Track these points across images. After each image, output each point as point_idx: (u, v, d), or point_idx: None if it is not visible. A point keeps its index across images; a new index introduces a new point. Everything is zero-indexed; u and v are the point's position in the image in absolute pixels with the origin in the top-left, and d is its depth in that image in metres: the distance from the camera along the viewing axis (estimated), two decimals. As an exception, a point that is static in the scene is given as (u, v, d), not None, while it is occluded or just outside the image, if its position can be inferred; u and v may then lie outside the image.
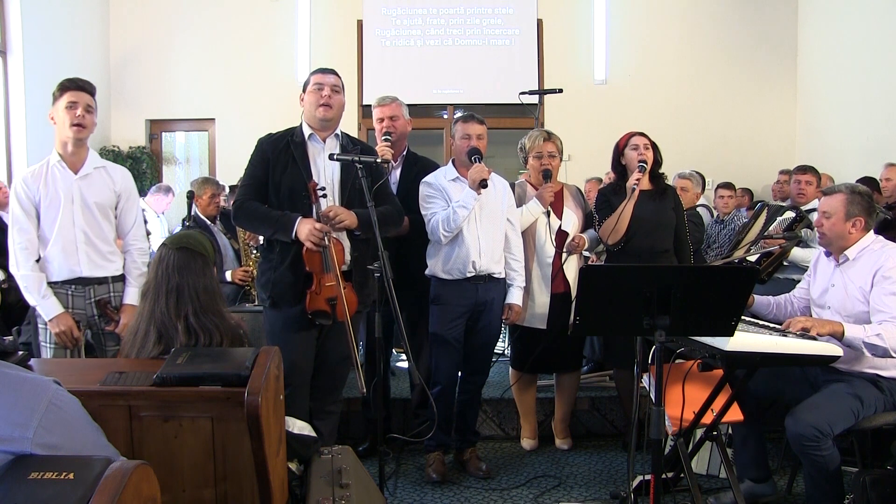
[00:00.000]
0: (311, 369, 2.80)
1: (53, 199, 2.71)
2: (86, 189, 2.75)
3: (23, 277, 2.68)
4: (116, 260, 2.85)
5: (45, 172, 2.73)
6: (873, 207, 2.66)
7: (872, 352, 2.40)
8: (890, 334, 2.37)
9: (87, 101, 2.72)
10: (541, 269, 3.35)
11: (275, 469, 1.68)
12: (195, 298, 1.99)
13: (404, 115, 3.37)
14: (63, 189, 2.72)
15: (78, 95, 2.70)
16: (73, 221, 2.73)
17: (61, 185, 2.72)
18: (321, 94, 2.74)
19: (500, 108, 7.32)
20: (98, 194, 2.78)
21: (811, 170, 4.15)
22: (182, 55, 7.50)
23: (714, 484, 3.11)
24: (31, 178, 2.72)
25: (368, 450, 3.35)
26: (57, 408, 1.18)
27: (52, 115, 2.73)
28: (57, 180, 2.72)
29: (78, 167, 2.76)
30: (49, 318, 2.67)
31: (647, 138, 3.33)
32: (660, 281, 1.97)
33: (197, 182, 4.58)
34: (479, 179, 2.97)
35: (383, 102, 3.36)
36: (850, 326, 2.42)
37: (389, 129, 3.30)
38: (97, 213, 2.77)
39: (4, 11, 6.10)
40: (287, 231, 2.64)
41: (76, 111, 2.69)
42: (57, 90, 2.71)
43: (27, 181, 2.71)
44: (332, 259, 2.65)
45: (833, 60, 6.88)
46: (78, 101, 2.69)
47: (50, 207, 2.71)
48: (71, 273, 2.74)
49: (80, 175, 2.76)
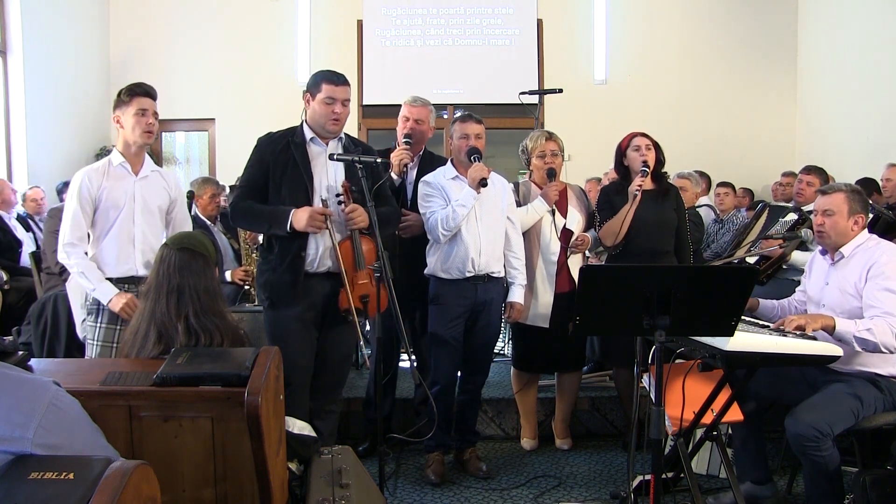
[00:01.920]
0: (311, 369, 2.79)
1: (116, 197, 2.76)
2: (146, 190, 2.83)
3: (77, 265, 2.70)
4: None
5: (108, 171, 2.78)
6: (868, 206, 2.67)
7: (863, 346, 2.41)
8: (880, 329, 2.38)
9: (155, 108, 2.83)
10: (546, 268, 3.35)
11: (275, 469, 1.68)
12: (196, 299, 1.99)
13: (431, 121, 3.37)
14: (126, 189, 2.78)
15: (148, 103, 2.78)
16: (133, 221, 2.79)
17: (124, 185, 2.78)
18: (333, 110, 2.71)
19: (500, 108, 7.32)
20: (157, 197, 2.87)
21: (815, 170, 4.05)
22: (182, 55, 7.50)
23: (714, 484, 3.11)
24: (96, 174, 2.76)
25: (368, 450, 3.35)
26: (57, 408, 1.18)
27: (118, 118, 2.79)
28: (120, 180, 2.78)
29: (138, 169, 2.83)
30: (108, 299, 2.70)
31: (650, 139, 3.33)
32: (660, 281, 1.97)
33: (197, 182, 4.58)
34: (478, 178, 2.97)
35: (414, 104, 3.34)
36: (841, 321, 2.43)
37: (412, 130, 3.29)
38: (156, 215, 2.86)
39: (4, 11, 6.10)
40: (282, 224, 2.64)
41: (148, 119, 2.78)
42: (125, 94, 2.77)
43: (92, 177, 2.75)
44: (363, 256, 2.67)
45: (833, 60, 6.89)
46: (148, 109, 2.78)
47: (111, 206, 2.76)
48: (125, 271, 2.77)
49: (140, 177, 2.83)
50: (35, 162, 6.31)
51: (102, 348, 2.74)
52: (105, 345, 2.74)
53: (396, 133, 3.38)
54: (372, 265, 2.63)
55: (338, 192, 2.70)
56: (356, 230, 2.69)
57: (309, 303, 2.72)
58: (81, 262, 2.71)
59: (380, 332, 2.73)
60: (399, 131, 3.34)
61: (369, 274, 2.69)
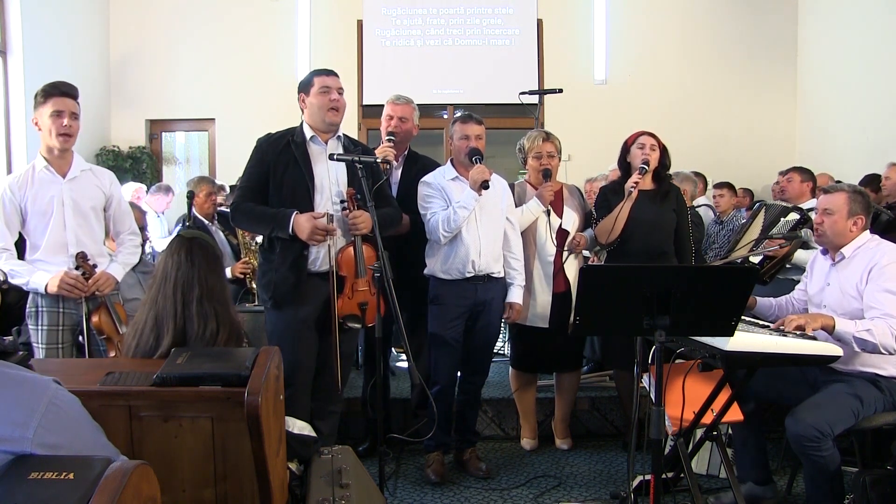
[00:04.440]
0: (312, 369, 2.79)
1: (43, 203, 2.70)
2: (76, 192, 2.75)
3: (5, 266, 2.68)
4: (104, 262, 2.86)
5: (31, 177, 2.71)
6: (871, 207, 2.67)
7: (862, 347, 2.41)
8: (880, 330, 2.38)
9: (72, 108, 2.69)
10: (542, 268, 3.35)
11: (275, 469, 1.68)
12: (205, 285, 2.00)
13: (414, 119, 3.37)
14: (52, 193, 2.71)
15: (63, 103, 2.65)
16: (64, 224, 2.72)
17: (50, 189, 2.71)
18: (330, 98, 2.72)
19: (500, 108, 7.32)
20: (88, 197, 2.79)
21: (794, 169, 4.29)
22: (182, 55, 7.50)
23: (714, 484, 3.11)
24: (17, 184, 2.69)
25: (368, 450, 3.35)
26: (57, 407, 1.18)
27: (36, 121, 2.69)
28: (45, 185, 2.71)
29: (65, 171, 2.75)
30: (44, 284, 2.65)
31: (656, 139, 3.31)
32: (660, 281, 1.97)
33: (193, 181, 4.58)
34: (480, 180, 2.97)
35: (398, 101, 3.36)
36: (841, 321, 2.42)
37: (396, 128, 3.30)
38: (90, 216, 2.79)
39: (4, 11, 6.09)
40: (284, 228, 2.64)
41: (62, 120, 2.65)
42: (40, 95, 2.66)
43: (13, 187, 2.69)
44: (364, 264, 2.67)
45: (833, 60, 6.89)
46: (63, 110, 2.65)
47: (39, 212, 2.70)
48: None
49: (69, 178, 2.75)
50: (35, 162, 6.30)
51: (47, 351, 2.72)
52: (49, 347, 2.72)
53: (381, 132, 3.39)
54: (372, 265, 2.63)
55: (342, 198, 2.71)
56: (359, 236, 2.69)
57: (311, 303, 2.72)
58: (6, 263, 2.67)
59: (380, 331, 2.73)
60: (383, 129, 3.35)
61: (369, 282, 2.69)
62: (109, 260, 2.89)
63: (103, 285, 2.74)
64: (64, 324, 2.75)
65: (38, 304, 2.73)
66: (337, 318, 2.67)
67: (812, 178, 4.21)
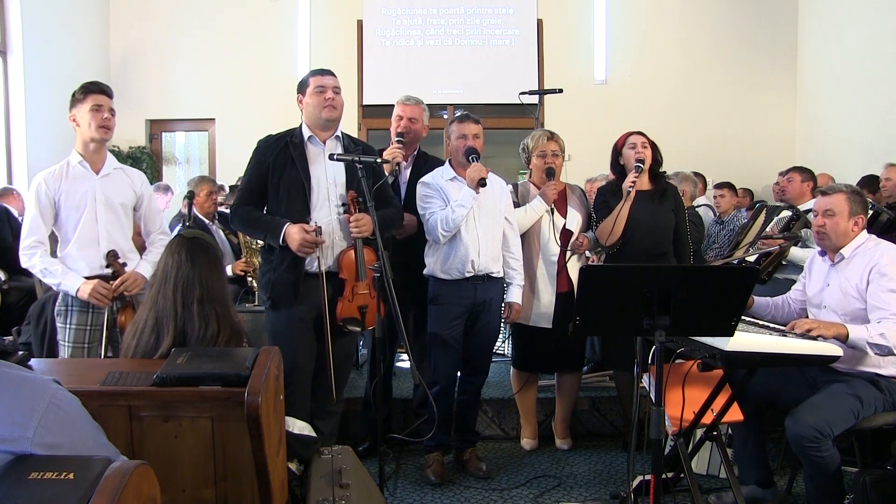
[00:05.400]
0: (312, 369, 2.80)
1: (76, 198, 2.75)
2: (108, 188, 2.81)
3: (39, 264, 2.69)
4: (134, 258, 2.89)
5: (66, 172, 2.77)
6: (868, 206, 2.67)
7: (877, 351, 2.41)
8: (892, 332, 2.37)
9: (110, 105, 2.80)
10: (546, 268, 3.34)
11: (275, 469, 1.68)
12: (205, 285, 2.00)
13: (424, 119, 3.37)
14: (86, 188, 2.77)
15: (102, 99, 2.77)
16: (96, 220, 2.77)
17: (83, 184, 2.77)
18: (325, 97, 2.74)
19: (500, 108, 7.32)
20: (120, 194, 2.85)
21: (794, 169, 4.27)
22: (182, 55, 7.50)
23: (714, 484, 3.11)
24: (52, 177, 2.75)
25: (368, 450, 3.35)
26: (57, 407, 1.18)
27: (74, 117, 2.78)
28: (79, 180, 2.77)
29: (99, 167, 2.82)
30: (76, 289, 2.68)
31: (646, 137, 3.32)
32: (660, 281, 1.97)
33: (194, 180, 4.59)
34: (477, 178, 2.97)
35: (407, 102, 3.35)
36: (853, 328, 2.41)
37: (406, 129, 3.29)
38: (120, 212, 2.84)
39: (4, 11, 6.10)
40: (275, 238, 2.67)
41: (102, 114, 2.76)
42: (80, 92, 2.76)
43: (48, 181, 2.74)
44: (365, 267, 2.68)
45: (833, 60, 6.88)
46: (103, 104, 2.76)
47: (72, 207, 2.75)
48: (92, 271, 2.76)
49: (102, 175, 2.81)
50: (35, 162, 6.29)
51: (73, 349, 2.73)
52: (76, 346, 2.73)
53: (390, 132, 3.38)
54: (372, 265, 2.64)
55: (343, 201, 2.71)
56: (360, 239, 2.69)
57: (310, 303, 2.72)
58: (41, 260, 2.69)
59: (380, 332, 2.73)
60: (392, 130, 3.35)
61: (369, 285, 2.69)
62: (139, 258, 2.91)
63: (131, 286, 2.76)
64: (93, 324, 2.77)
65: (68, 303, 2.76)
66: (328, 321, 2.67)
67: (813, 179, 4.21)
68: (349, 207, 2.70)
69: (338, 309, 2.71)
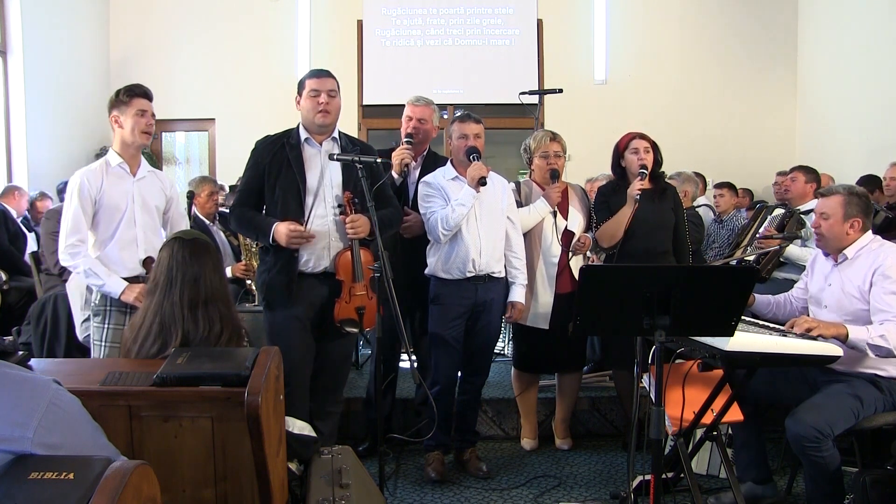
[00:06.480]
0: (310, 369, 2.80)
1: (115, 198, 2.77)
2: (144, 190, 2.85)
3: (82, 263, 2.70)
4: None
5: (105, 171, 2.79)
6: (871, 208, 2.66)
7: (877, 353, 2.40)
8: (893, 334, 2.37)
9: (152, 110, 2.85)
10: (546, 269, 3.34)
11: (275, 469, 1.68)
12: (209, 287, 2.00)
13: (434, 120, 3.36)
14: (124, 189, 2.80)
15: (146, 104, 2.82)
16: (134, 221, 2.81)
17: (122, 185, 2.80)
18: (318, 101, 2.73)
19: (500, 108, 7.32)
20: (155, 196, 2.89)
21: (798, 168, 4.24)
22: (182, 55, 7.50)
23: (714, 484, 3.11)
24: (94, 175, 2.77)
25: (368, 450, 3.35)
26: (57, 407, 1.18)
27: (117, 118, 2.80)
28: (118, 180, 2.80)
29: (135, 170, 2.86)
30: (120, 291, 2.70)
31: (648, 140, 3.32)
32: (660, 281, 1.97)
33: (195, 181, 4.59)
34: (477, 177, 2.97)
35: (417, 103, 3.33)
36: (854, 329, 2.41)
37: (415, 130, 3.28)
38: (154, 215, 2.89)
39: (4, 11, 6.10)
40: (265, 236, 2.69)
41: (147, 119, 2.80)
42: (125, 95, 2.79)
43: (91, 178, 2.75)
44: (362, 268, 2.67)
45: (833, 59, 6.88)
46: (147, 110, 2.80)
47: (111, 206, 2.77)
48: (130, 271, 2.78)
49: (138, 178, 2.85)
50: (35, 162, 6.31)
51: (111, 349, 2.75)
52: (114, 346, 2.74)
53: (400, 133, 3.38)
54: (372, 266, 2.64)
55: (339, 202, 2.71)
56: (356, 240, 2.69)
57: (307, 303, 2.73)
58: (85, 260, 2.71)
59: (380, 332, 2.73)
60: (402, 131, 3.34)
61: (367, 286, 2.70)
62: None
63: None
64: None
65: (107, 304, 2.77)
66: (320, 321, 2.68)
67: (816, 179, 4.16)
68: (345, 209, 2.69)
69: (335, 310, 2.71)
